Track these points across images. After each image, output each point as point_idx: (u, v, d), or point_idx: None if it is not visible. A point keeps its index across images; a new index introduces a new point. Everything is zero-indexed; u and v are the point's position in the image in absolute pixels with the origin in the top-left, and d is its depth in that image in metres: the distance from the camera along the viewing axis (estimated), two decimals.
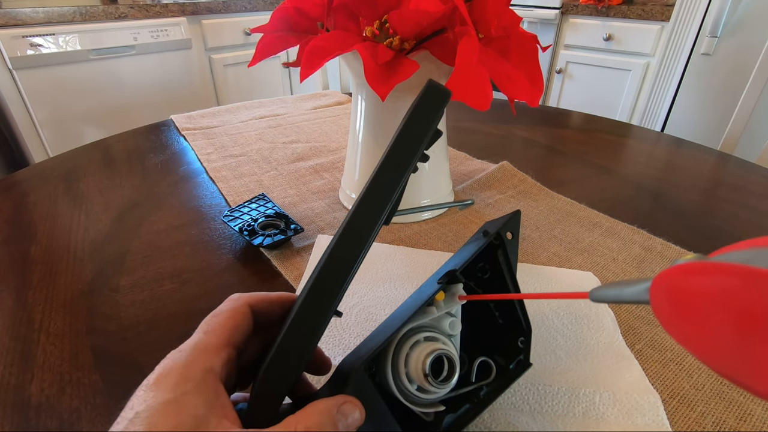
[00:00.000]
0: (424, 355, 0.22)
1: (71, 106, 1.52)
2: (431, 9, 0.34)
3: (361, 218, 0.19)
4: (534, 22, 1.96)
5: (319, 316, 0.19)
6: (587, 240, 0.46)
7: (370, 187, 0.20)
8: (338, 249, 0.19)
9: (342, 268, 0.19)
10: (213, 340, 0.19)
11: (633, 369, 0.31)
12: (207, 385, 0.17)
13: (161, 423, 0.15)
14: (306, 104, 0.90)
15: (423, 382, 0.21)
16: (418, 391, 0.22)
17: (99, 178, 0.59)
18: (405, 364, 0.22)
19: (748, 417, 0.28)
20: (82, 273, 0.41)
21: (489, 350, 0.26)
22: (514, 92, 0.38)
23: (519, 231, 0.27)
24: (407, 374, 0.22)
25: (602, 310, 0.35)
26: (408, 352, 0.22)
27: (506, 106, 0.83)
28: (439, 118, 0.21)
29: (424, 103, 0.20)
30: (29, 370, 0.31)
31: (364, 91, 0.45)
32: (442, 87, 0.21)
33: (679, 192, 0.57)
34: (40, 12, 1.37)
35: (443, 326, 0.23)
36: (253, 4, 1.86)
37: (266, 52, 0.43)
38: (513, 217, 0.27)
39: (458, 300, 0.23)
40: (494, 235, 0.26)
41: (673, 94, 1.60)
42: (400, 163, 0.20)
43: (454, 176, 0.58)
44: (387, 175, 0.20)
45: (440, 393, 0.22)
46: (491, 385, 0.23)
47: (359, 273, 0.39)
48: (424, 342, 0.22)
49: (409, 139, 0.20)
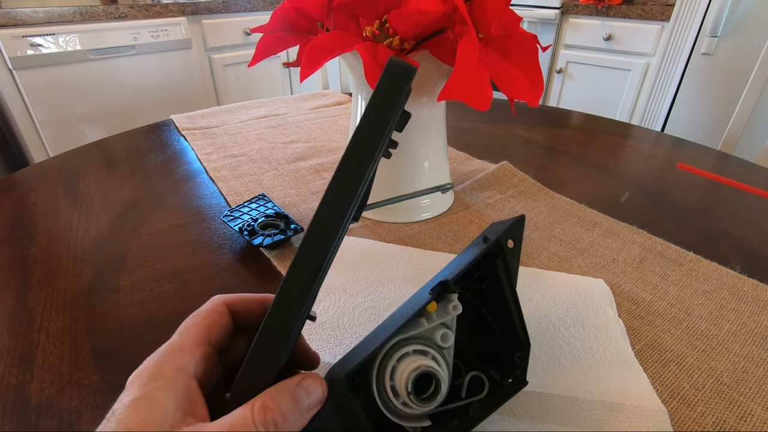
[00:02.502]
0: (408, 371, 0.21)
1: (71, 106, 1.52)
2: (431, 9, 0.34)
3: (326, 216, 0.18)
4: (534, 22, 1.96)
5: (287, 321, 0.18)
6: (587, 240, 0.46)
7: (334, 181, 0.18)
8: (304, 250, 0.18)
9: (309, 269, 0.18)
10: (187, 339, 0.20)
11: (640, 381, 0.30)
12: (177, 382, 0.18)
13: (131, 418, 0.16)
14: (306, 104, 0.90)
15: (406, 399, 0.21)
16: (403, 406, 0.21)
17: (99, 178, 0.59)
18: (390, 377, 0.21)
19: (748, 417, 0.28)
20: (82, 273, 0.41)
21: (486, 362, 0.25)
22: (514, 92, 0.38)
23: (522, 238, 0.25)
24: (393, 388, 0.21)
25: (611, 320, 0.34)
26: (395, 365, 0.21)
27: (506, 106, 0.83)
28: (403, 98, 0.19)
29: (385, 82, 0.18)
30: (29, 370, 0.31)
31: (364, 91, 0.45)
32: (404, 63, 0.19)
33: (679, 192, 0.57)
34: (40, 12, 1.37)
35: (435, 338, 0.22)
36: (253, 4, 1.86)
37: (266, 52, 0.43)
38: (516, 224, 0.25)
39: (451, 311, 0.22)
40: (494, 243, 0.24)
41: (673, 94, 1.60)
42: (364, 153, 0.18)
43: (454, 176, 0.58)
44: (351, 166, 0.18)
45: (426, 410, 0.21)
46: (483, 401, 0.22)
47: (364, 272, 0.39)
48: (412, 355, 0.21)
49: (372, 124, 0.18)
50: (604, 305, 0.36)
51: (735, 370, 0.31)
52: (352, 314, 0.35)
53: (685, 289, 0.39)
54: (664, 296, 0.38)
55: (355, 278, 0.38)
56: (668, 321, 0.35)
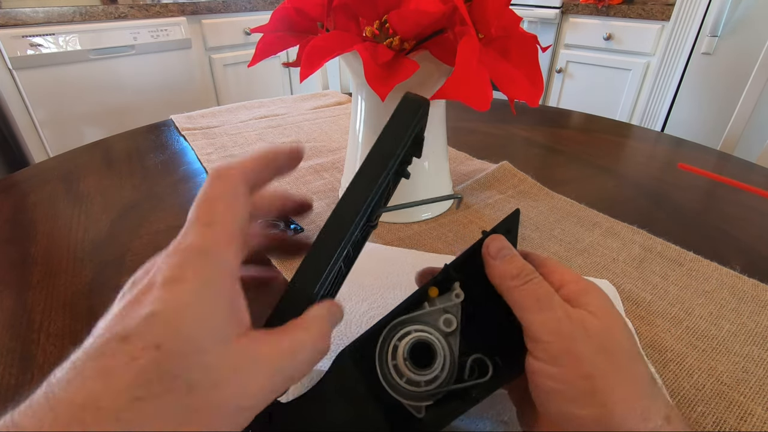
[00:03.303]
0: (404, 342, 0.22)
1: (71, 106, 1.52)
2: (431, 9, 0.34)
3: (331, 235, 0.20)
4: (534, 21, 1.96)
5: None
6: (587, 240, 0.46)
7: (340, 204, 0.20)
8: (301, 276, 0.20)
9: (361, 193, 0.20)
10: (221, 234, 0.17)
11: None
12: (224, 283, 0.16)
13: (185, 323, 0.14)
14: (306, 104, 0.90)
15: (404, 369, 0.21)
16: (407, 384, 0.22)
17: (99, 178, 0.59)
18: (393, 356, 0.22)
19: (749, 417, 0.28)
20: (82, 273, 0.41)
21: (492, 350, 0.25)
22: (514, 92, 0.38)
23: (518, 229, 0.26)
24: (395, 366, 0.22)
25: None
26: (396, 344, 0.22)
27: (506, 106, 0.82)
28: (414, 128, 0.21)
29: (397, 115, 0.21)
30: (29, 370, 0.31)
31: (364, 91, 0.45)
32: (417, 98, 0.22)
33: (679, 192, 0.57)
34: (40, 12, 1.37)
35: (438, 324, 0.23)
36: (253, 4, 1.86)
37: (266, 52, 0.43)
38: (511, 216, 0.27)
39: (453, 298, 0.23)
40: (490, 233, 0.26)
41: (673, 93, 1.60)
42: (370, 179, 0.20)
43: (454, 176, 0.58)
44: (357, 191, 0.20)
45: (424, 382, 0.22)
46: (485, 384, 0.23)
47: (369, 279, 0.39)
48: (413, 334, 0.22)
49: (380, 153, 0.21)
50: None
51: (735, 370, 0.31)
52: (360, 322, 0.34)
53: (685, 289, 0.39)
54: (664, 296, 0.38)
55: (360, 285, 0.38)
56: (668, 321, 0.35)
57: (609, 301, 0.21)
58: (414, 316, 0.23)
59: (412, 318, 0.23)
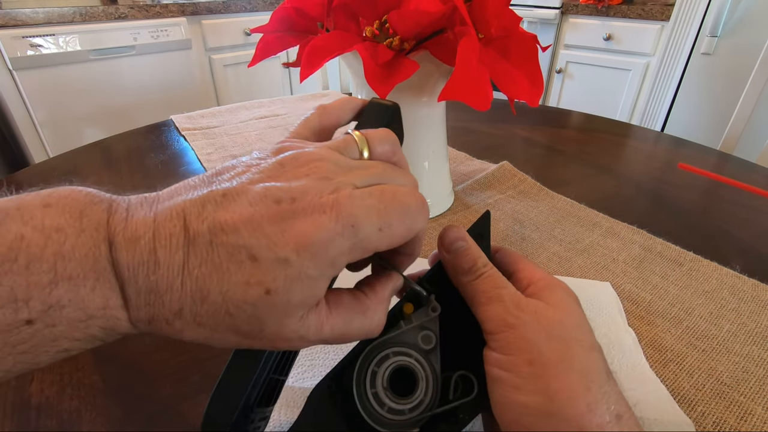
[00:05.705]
0: (383, 368, 0.21)
1: (71, 107, 1.52)
2: (431, 9, 0.34)
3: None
4: (534, 21, 1.96)
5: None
6: (587, 240, 0.46)
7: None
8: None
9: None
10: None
11: (660, 393, 0.29)
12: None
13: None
14: (306, 104, 0.90)
15: (384, 398, 0.20)
16: (389, 413, 0.20)
17: (99, 178, 0.59)
18: (372, 384, 0.20)
19: (749, 417, 0.28)
20: None
21: (479, 366, 0.23)
22: (514, 92, 0.38)
23: (490, 232, 0.24)
24: (375, 395, 0.20)
25: (623, 330, 0.34)
26: (374, 370, 0.21)
27: (506, 106, 0.82)
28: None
29: (363, 124, 0.21)
30: (29, 370, 0.31)
31: (364, 91, 0.45)
32: (386, 103, 0.21)
33: (679, 192, 0.57)
34: (40, 12, 1.37)
35: (417, 341, 0.21)
36: (253, 4, 1.86)
37: (266, 52, 0.43)
38: (482, 219, 0.25)
39: (430, 312, 0.22)
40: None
41: (673, 93, 1.60)
42: None
43: (454, 176, 0.58)
44: None
45: (407, 409, 0.20)
46: (472, 402, 0.21)
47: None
48: (392, 357, 0.21)
49: None
50: (614, 313, 0.35)
51: (735, 370, 0.31)
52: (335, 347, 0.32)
53: (685, 289, 0.39)
54: (664, 296, 0.38)
55: None
56: (668, 321, 0.35)
57: (573, 297, 0.21)
58: (390, 338, 0.21)
59: (389, 339, 0.21)
